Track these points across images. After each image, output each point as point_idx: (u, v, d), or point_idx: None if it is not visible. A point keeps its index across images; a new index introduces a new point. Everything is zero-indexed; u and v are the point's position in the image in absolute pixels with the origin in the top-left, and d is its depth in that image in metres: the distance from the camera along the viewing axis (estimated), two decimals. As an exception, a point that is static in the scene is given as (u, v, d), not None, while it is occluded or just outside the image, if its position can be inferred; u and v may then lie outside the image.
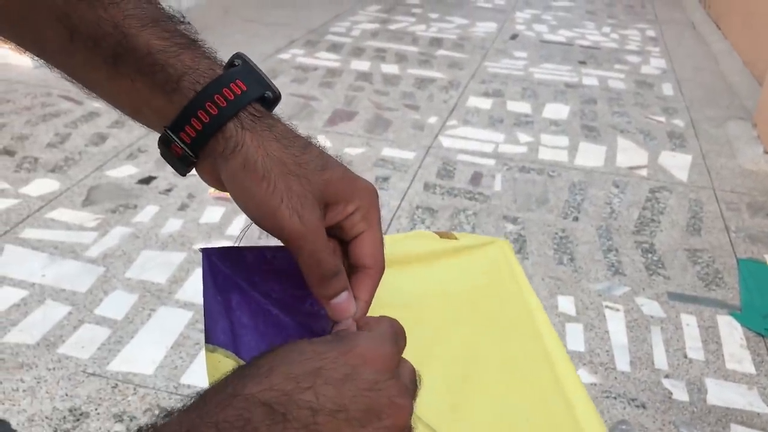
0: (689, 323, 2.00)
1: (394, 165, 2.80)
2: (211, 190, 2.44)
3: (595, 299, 2.07)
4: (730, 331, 1.98)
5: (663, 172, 2.92)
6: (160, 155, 0.45)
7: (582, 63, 4.33)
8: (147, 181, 2.53)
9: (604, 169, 2.91)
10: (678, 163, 3.00)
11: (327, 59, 4.05)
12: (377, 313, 0.44)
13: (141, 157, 2.70)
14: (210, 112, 0.41)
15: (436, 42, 4.56)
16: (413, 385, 0.38)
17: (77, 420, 1.54)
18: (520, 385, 0.52)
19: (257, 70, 0.44)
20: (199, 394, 0.34)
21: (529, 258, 2.25)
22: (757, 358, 1.89)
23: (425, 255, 0.56)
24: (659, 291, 2.13)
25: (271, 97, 0.44)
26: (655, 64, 4.39)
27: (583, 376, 1.77)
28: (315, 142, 0.44)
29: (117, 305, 1.89)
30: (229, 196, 0.44)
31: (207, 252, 0.46)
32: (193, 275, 2.03)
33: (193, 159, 0.43)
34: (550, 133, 3.23)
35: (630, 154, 3.06)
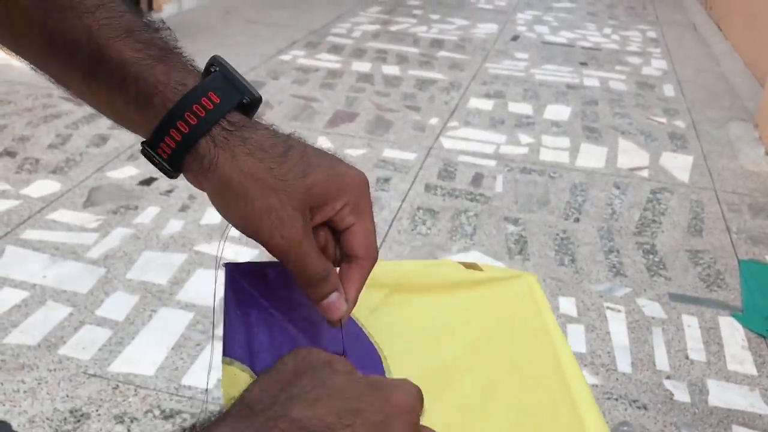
0: (690, 324, 2.00)
1: (395, 166, 2.80)
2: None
3: (597, 300, 2.07)
4: (732, 332, 1.98)
5: (664, 173, 2.91)
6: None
7: (583, 64, 4.33)
8: (148, 182, 2.53)
9: (606, 170, 2.91)
10: (679, 164, 3.00)
11: (328, 60, 4.05)
12: (397, 341, 0.46)
13: (142, 158, 2.67)
14: (181, 130, 0.41)
15: (437, 43, 4.56)
16: None
17: (78, 421, 1.54)
18: (539, 420, 0.52)
19: (234, 75, 0.43)
20: (243, 401, 0.36)
21: (530, 259, 2.25)
22: (758, 359, 1.88)
23: (448, 285, 0.55)
24: (660, 292, 2.13)
25: (249, 102, 0.43)
26: (656, 66, 4.39)
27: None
28: (295, 145, 0.43)
29: (118, 306, 1.89)
30: None
31: (229, 267, 0.47)
32: (194, 276, 2.03)
33: (172, 174, 0.43)
34: (552, 134, 3.23)
35: (631, 156, 3.06)
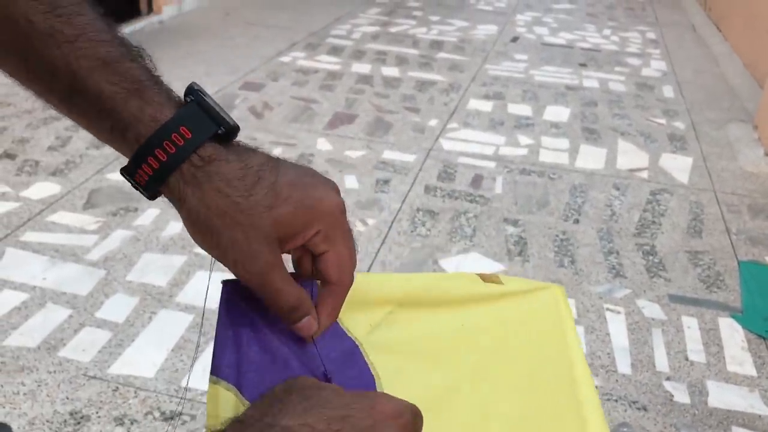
0: (690, 325, 2.00)
1: (394, 168, 2.80)
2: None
3: (596, 301, 2.07)
4: (731, 333, 1.98)
5: (664, 175, 2.91)
6: None
7: (582, 65, 4.33)
8: (148, 184, 2.53)
9: (605, 171, 2.91)
10: (679, 166, 3.00)
11: (328, 62, 4.05)
12: (394, 361, 0.47)
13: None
14: (152, 165, 0.42)
15: (437, 45, 4.56)
16: None
17: (78, 423, 1.54)
18: None
19: (209, 104, 0.43)
20: (235, 419, 0.38)
21: (530, 261, 2.25)
22: (758, 360, 1.88)
23: (460, 300, 0.53)
24: (660, 293, 2.13)
25: (224, 132, 0.43)
26: (655, 67, 4.39)
27: (584, 379, 1.77)
28: (266, 176, 0.43)
29: (118, 308, 1.90)
30: None
31: (227, 284, 0.47)
32: (194, 278, 2.04)
33: (148, 196, 0.45)
34: (551, 135, 3.23)
35: (630, 157, 3.06)
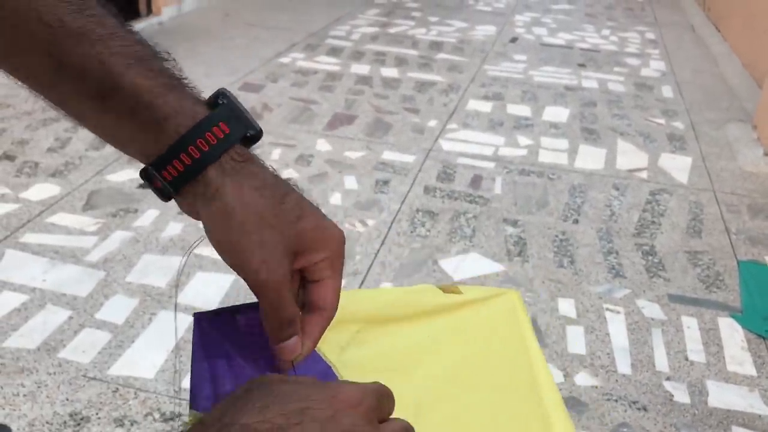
0: (690, 325, 2.00)
1: (394, 168, 2.81)
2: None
3: (596, 302, 2.07)
4: (731, 333, 1.98)
5: (663, 175, 2.92)
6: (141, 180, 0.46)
7: (581, 66, 4.33)
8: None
9: (604, 171, 2.92)
10: (678, 166, 3.01)
11: (327, 63, 4.06)
12: (368, 378, 0.46)
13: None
14: (192, 155, 0.42)
15: (436, 45, 4.56)
16: None
17: (78, 425, 1.54)
18: None
19: (240, 108, 0.45)
20: (198, 421, 0.37)
21: (530, 261, 2.25)
22: (758, 359, 1.88)
23: (426, 312, 0.55)
24: (660, 293, 2.13)
25: (252, 135, 0.45)
26: (654, 67, 4.39)
27: (583, 379, 1.78)
28: (292, 190, 0.45)
29: (117, 309, 1.90)
30: None
31: (198, 316, 0.48)
32: (194, 279, 2.04)
33: (172, 195, 0.44)
34: (550, 135, 3.24)
35: (630, 157, 3.06)
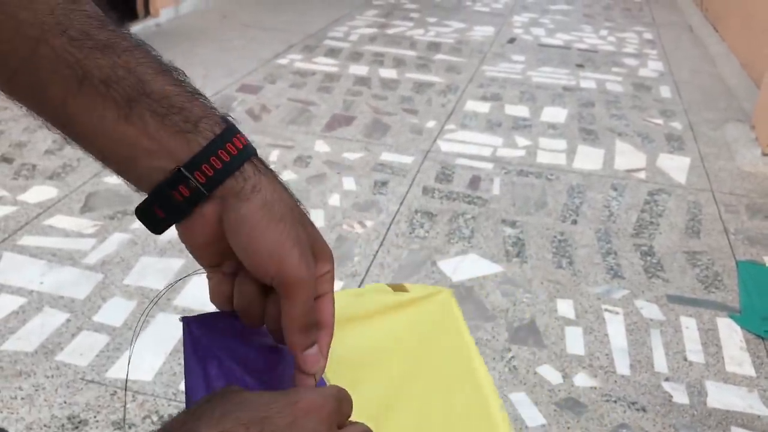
0: (689, 326, 2.00)
1: (392, 169, 2.80)
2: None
3: (595, 302, 2.07)
4: (730, 333, 1.98)
5: (661, 175, 2.92)
6: (135, 213, 0.45)
7: (580, 66, 4.33)
8: (145, 187, 2.53)
9: (603, 172, 2.92)
10: (676, 166, 3.01)
11: (325, 64, 4.05)
12: (334, 369, 0.47)
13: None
14: (230, 152, 0.43)
15: (434, 46, 4.56)
16: None
17: (76, 428, 1.54)
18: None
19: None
20: (160, 428, 0.37)
21: (528, 262, 2.25)
22: (756, 360, 1.88)
23: (379, 310, 0.58)
24: (658, 294, 2.13)
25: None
26: (652, 67, 4.39)
27: (582, 380, 1.77)
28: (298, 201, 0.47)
29: (115, 312, 1.89)
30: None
31: (187, 320, 0.48)
32: (192, 282, 2.03)
33: (204, 195, 0.43)
34: (548, 136, 3.24)
35: (628, 157, 3.06)
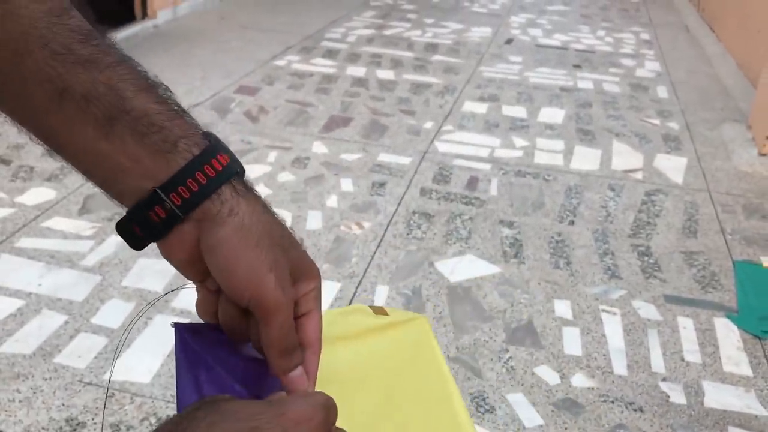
0: (686, 326, 2.00)
1: (390, 170, 2.81)
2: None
3: (592, 303, 2.07)
4: (727, 333, 1.98)
5: (658, 175, 2.92)
6: (116, 227, 0.45)
7: (577, 67, 4.34)
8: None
9: (600, 172, 2.92)
10: (673, 166, 3.01)
11: (323, 65, 4.06)
12: (318, 386, 0.47)
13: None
14: (208, 174, 0.43)
15: (432, 47, 4.57)
16: None
17: (74, 430, 1.54)
18: None
19: (228, 147, 0.46)
20: None
21: (525, 262, 2.25)
22: (754, 360, 1.89)
23: (360, 332, 0.58)
24: (656, 294, 2.13)
25: (239, 172, 0.45)
26: (649, 67, 4.40)
27: (580, 380, 1.78)
28: (282, 221, 0.46)
29: (113, 314, 1.89)
30: None
31: (178, 327, 0.48)
32: (190, 283, 2.03)
33: (179, 217, 0.43)
34: (546, 137, 3.24)
35: (625, 158, 3.06)
